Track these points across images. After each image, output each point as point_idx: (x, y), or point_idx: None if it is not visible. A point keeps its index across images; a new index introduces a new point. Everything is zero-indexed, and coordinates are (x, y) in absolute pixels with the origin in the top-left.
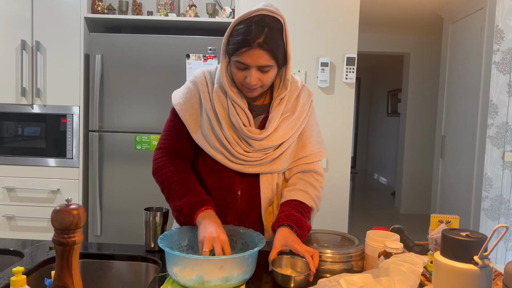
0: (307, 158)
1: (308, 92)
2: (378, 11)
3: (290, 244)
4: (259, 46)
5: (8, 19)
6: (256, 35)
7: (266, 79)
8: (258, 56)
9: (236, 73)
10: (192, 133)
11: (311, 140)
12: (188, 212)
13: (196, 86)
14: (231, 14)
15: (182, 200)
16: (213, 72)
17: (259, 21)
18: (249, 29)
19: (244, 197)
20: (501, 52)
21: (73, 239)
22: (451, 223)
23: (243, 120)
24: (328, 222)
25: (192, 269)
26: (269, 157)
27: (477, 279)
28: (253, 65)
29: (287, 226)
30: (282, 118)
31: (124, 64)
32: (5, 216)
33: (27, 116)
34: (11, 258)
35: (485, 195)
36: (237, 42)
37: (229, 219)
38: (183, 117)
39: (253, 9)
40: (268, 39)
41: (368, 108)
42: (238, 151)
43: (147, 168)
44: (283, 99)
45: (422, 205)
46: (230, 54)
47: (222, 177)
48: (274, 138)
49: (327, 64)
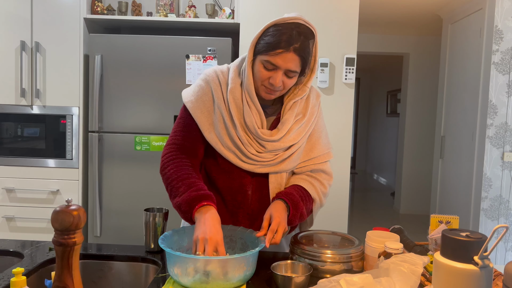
0: (316, 159)
1: (316, 93)
2: (378, 12)
3: (272, 211)
4: (294, 50)
5: (7, 20)
6: (294, 40)
7: (288, 84)
8: (291, 60)
9: (261, 71)
10: (204, 131)
11: (320, 142)
12: (186, 208)
13: (208, 84)
14: (230, 14)
15: (181, 196)
16: (225, 72)
17: (296, 28)
18: (288, 33)
19: (254, 197)
20: (500, 53)
21: (73, 240)
22: (451, 223)
23: (257, 122)
24: (328, 222)
25: (193, 269)
26: (279, 157)
27: (477, 279)
28: (283, 67)
29: (283, 201)
30: (294, 120)
31: (124, 64)
32: (4, 217)
33: (27, 117)
34: (11, 259)
35: (484, 195)
36: (272, 42)
37: (241, 219)
38: (195, 115)
39: (289, 16)
40: (302, 46)
41: (367, 108)
42: (250, 152)
43: (147, 169)
44: (296, 102)
45: (421, 206)
46: (259, 53)
47: (233, 177)
48: (287, 140)
49: (327, 65)
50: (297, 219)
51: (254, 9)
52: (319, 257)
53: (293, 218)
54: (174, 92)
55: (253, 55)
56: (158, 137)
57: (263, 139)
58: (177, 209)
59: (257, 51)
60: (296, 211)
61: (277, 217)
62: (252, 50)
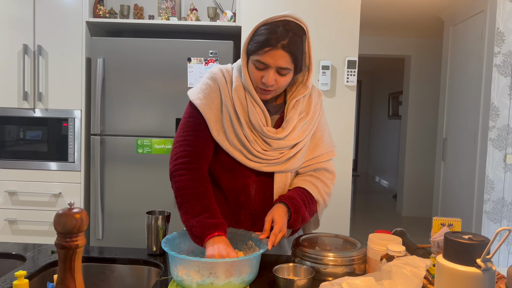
0: (319, 158)
1: (318, 92)
2: (379, 14)
3: (274, 214)
4: (282, 47)
5: (10, 23)
6: (281, 37)
7: (282, 82)
8: (280, 57)
9: (253, 72)
10: (211, 129)
11: (323, 140)
12: (199, 234)
13: (216, 82)
14: (232, 17)
15: (195, 219)
16: (229, 70)
17: (284, 25)
18: (274, 31)
19: (257, 197)
20: (502, 55)
21: (76, 242)
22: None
23: (262, 120)
24: (329, 225)
25: (197, 272)
26: (285, 156)
27: (480, 282)
28: (273, 65)
29: (285, 205)
30: (298, 118)
31: (126, 67)
32: (7, 220)
33: (29, 120)
34: (13, 262)
35: (487, 198)
36: (260, 41)
37: (243, 219)
38: (204, 112)
39: (279, 15)
40: (291, 42)
41: (369, 110)
42: (256, 149)
43: (148, 172)
44: (299, 101)
45: (424, 208)
46: (250, 53)
47: (236, 177)
48: (292, 138)
49: (328, 67)
50: (298, 224)
51: (255, 12)
52: (321, 260)
53: (294, 222)
54: (176, 95)
55: (246, 57)
56: (160, 140)
57: (268, 136)
58: (187, 228)
59: (249, 52)
60: (298, 215)
61: (279, 222)
62: (245, 51)
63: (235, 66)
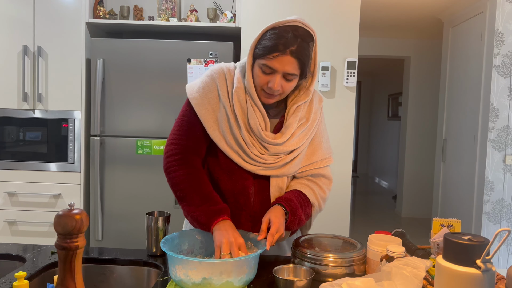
0: (317, 164)
1: (319, 97)
2: (379, 15)
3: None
4: (291, 53)
5: (10, 24)
6: (290, 42)
7: (287, 87)
8: (288, 63)
9: (259, 76)
10: (208, 128)
11: (321, 146)
12: (205, 221)
13: (214, 81)
14: (232, 18)
15: (199, 208)
16: (232, 69)
17: (293, 31)
18: (283, 36)
19: (257, 199)
20: (501, 56)
21: (76, 243)
22: (453, 226)
23: (261, 124)
24: (329, 226)
25: (195, 272)
26: (282, 161)
27: (480, 283)
28: (281, 71)
29: (282, 207)
30: (298, 124)
31: (126, 68)
32: (6, 221)
33: (29, 121)
34: (13, 263)
35: (486, 199)
36: (269, 46)
37: (243, 221)
38: (199, 112)
39: (287, 19)
40: (300, 48)
41: (369, 111)
42: (253, 153)
43: (148, 173)
44: (299, 106)
45: (423, 209)
46: (257, 57)
47: (235, 179)
48: (290, 144)
49: (328, 68)
50: (295, 225)
51: (255, 13)
52: (321, 261)
53: (291, 224)
54: (175, 96)
55: (253, 59)
56: (159, 141)
57: (266, 141)
58: (192, 218)
59: (256, 55)
60: (295, 217)
61: (276, 223)
62: (251, 54)
63: (238, 65)
